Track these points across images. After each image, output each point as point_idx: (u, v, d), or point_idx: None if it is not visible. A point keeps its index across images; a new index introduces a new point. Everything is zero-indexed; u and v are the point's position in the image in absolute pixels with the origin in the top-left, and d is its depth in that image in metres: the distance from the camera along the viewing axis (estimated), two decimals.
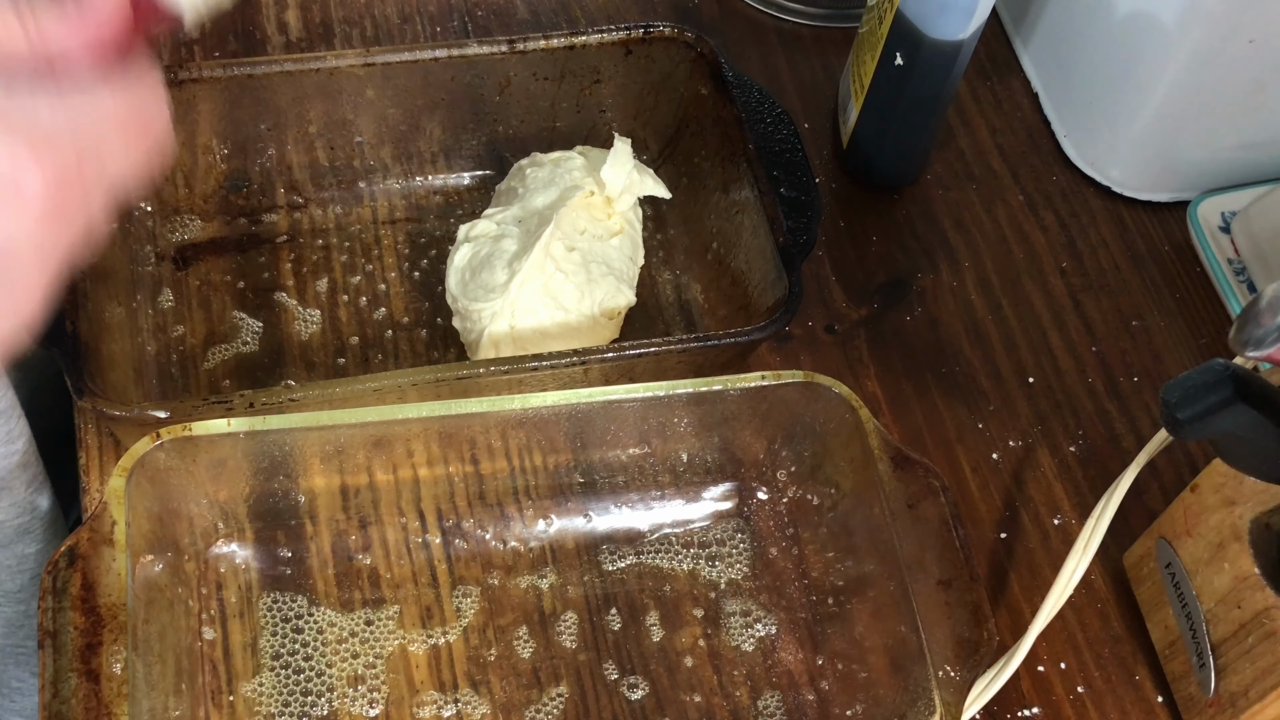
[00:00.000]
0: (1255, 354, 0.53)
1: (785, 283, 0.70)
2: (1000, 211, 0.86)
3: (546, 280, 0.72)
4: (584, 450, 0.69)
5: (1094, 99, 0.86)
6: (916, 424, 0.77)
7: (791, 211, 0.73)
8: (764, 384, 0.67)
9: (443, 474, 0.69)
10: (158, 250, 0.76)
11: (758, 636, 0.68)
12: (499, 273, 0.72)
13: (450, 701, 0.65)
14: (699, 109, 0.79)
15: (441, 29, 0.89)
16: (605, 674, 0.67)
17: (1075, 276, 0.84)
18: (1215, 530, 0.63)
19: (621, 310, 0.74)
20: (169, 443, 0.62)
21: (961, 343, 0.80)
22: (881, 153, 0.83)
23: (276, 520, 0.68)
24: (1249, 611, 0.61)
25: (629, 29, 0.78)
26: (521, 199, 0.75)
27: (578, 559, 0.69)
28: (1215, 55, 0.78)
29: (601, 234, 0.75)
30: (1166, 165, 0.85)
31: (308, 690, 0.64)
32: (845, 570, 0.68)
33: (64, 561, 0.58)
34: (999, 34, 0.94)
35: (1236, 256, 0.82)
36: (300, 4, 0.89)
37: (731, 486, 0.72)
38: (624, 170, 0.74)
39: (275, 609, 0.66)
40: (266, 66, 0.75)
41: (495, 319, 0.71)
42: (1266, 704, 0.61)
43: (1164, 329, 0.82)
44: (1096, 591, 0.72)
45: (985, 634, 0.61)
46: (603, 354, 0.67)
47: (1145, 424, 0.78)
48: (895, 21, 0.76)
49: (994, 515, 0.74)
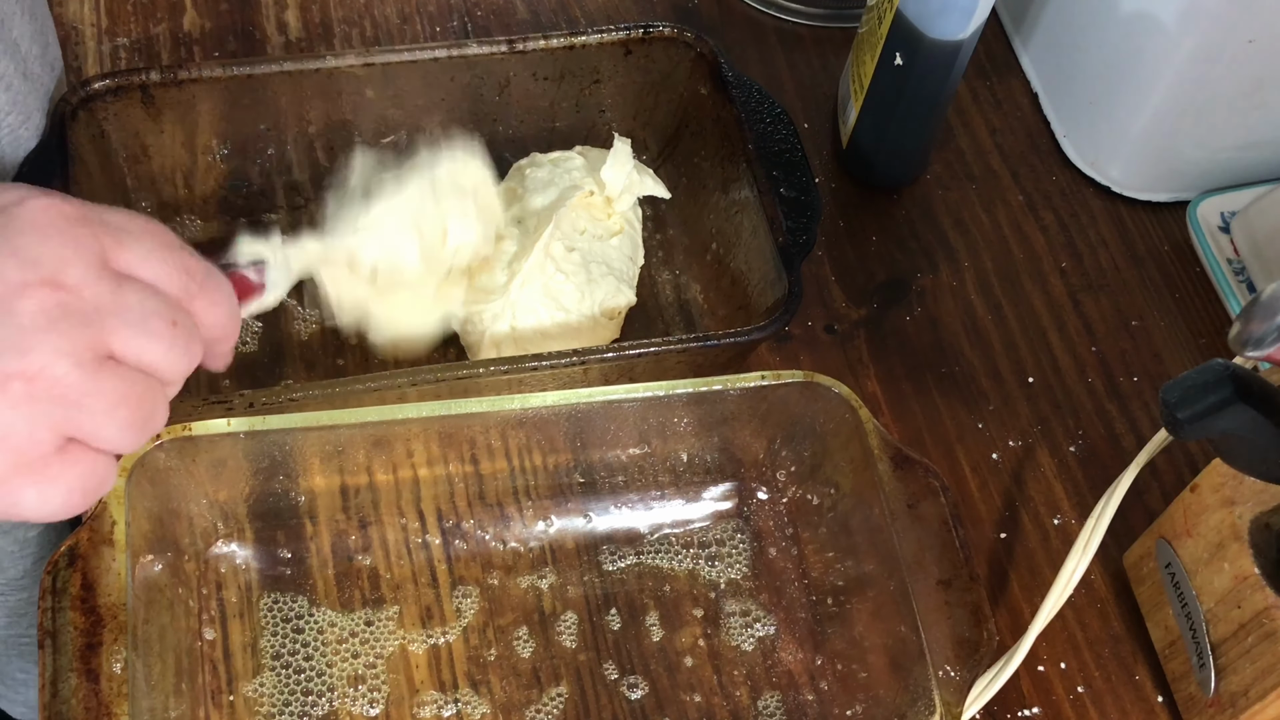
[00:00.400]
0: (1255, 354, 0.53)
1: (785, 283, 0.70)
2: (1000, 211, 0.86)
3: (547, 281, 0.72)
4: (584, 450, 0.69)
5: (1094, 99, 0.86)
6: (916, 424, 0.77)
7: (791, 211, 0.73)
8: (764, 384, 0.67)
9: (443, 474, 0.69)
10: None
11: (757, 636, 0.68)
12: (498, 274, 0.72)
13: (450, 701, 0.65)
14: (699, 109, 0.79)
15: (441, 29, 0.89)
16: (605, 674, 0.67)
17: (1075, 276, 0.84)
18: (1215, 530, 0.63)
19: (622, 310, 0.74)
20: (169, 443, 0.62)
21: (961, 343, 0.80)
22: (881, 153, 0.83)
23: (276, 520, 0.68)
24: (1249, 611, 0.61)
25: (629, 29, 0.78)
26: (520, 200, 0.75)
27: (577, 559, 0.69)
28: (1215, 55, 0.78)
29: (601, 234, 0.75)
30: (1166, 165, 0.85)
31: (308, 690, 0.64)
32: (845, 570, 0.68)
33: (64, 561, 0.58)
34: (999, 34, 0.94)
35: (1236, 256, 0.82)
36: (300, 4, 0.89)
37: (731, 486, 0.72)
38: (624, 170, 0.74)
39: (275, 609, 0.66)
40: (266, 66, 0.75)
41: (496, 320, 0.71)
42: (1266, 704, 0.61)
43: (1164, 329, 0.82)
44: (1096, 591, 0.72)
45: (985, 634, 0.61)
46: (602, 354, 0.67)
47: (1145, 424, 0.78)
48: (895, 21, 0.76)
49: (994, 515, 0.74)
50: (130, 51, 0.85)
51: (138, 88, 0.73)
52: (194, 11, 0.87)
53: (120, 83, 0.72)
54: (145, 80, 0.73)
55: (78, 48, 0.85)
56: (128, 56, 0.85)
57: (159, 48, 0.86)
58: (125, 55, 0.85)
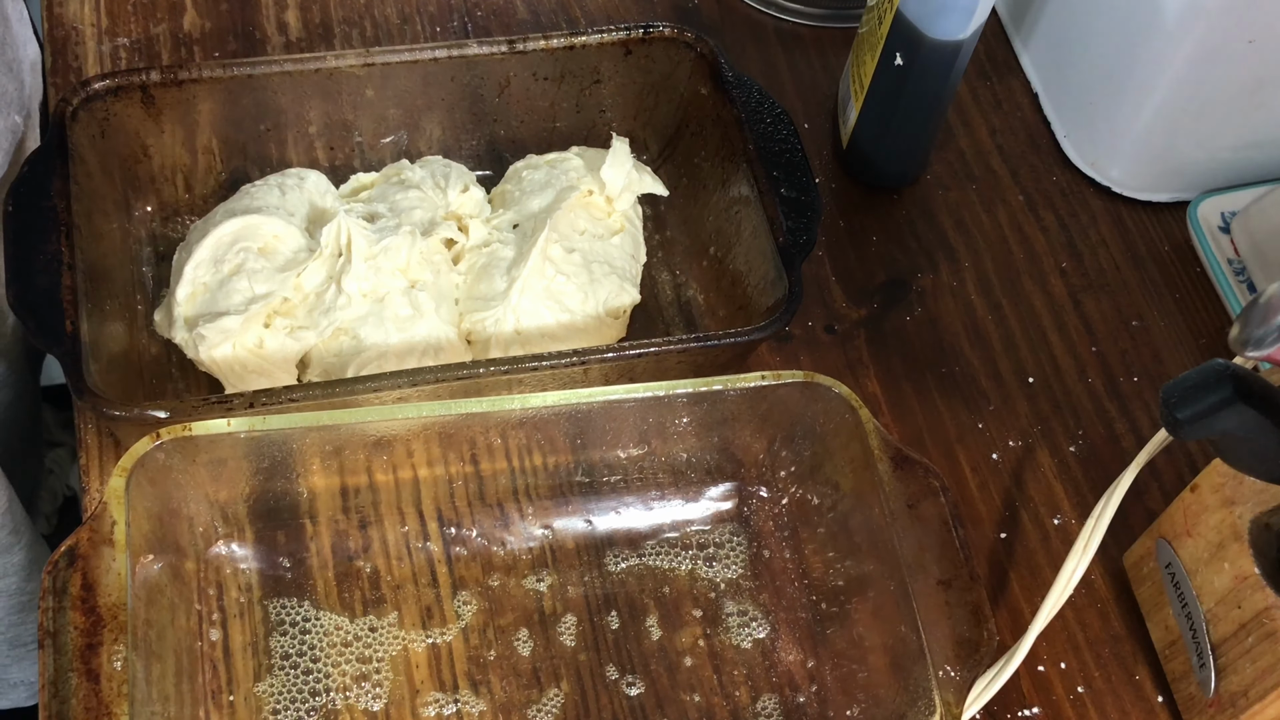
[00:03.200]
0: (1255, 354, 0.53)
1: (785, 283, 0.70)
2: (1000, 211, 0.86)
3: (548, 284, 0.72)
4: (584, 450, 0.69)
5: (1094, 99, 0.86)
6: (916, 424, 0.77)
7: (791, 211, 0.73)
8: (764, 384, 0.67)
9: (443, 474, 0.69)
10: (158, 250, 0.76)
11: (757, 636, 0.68)
12: (498, 281, 0.72)
13: (451, 701, 0.65)
14: (699, 109, 0.79)
15: (441, 29, 0.89)
16: (605, 674, 0.67)
17: (1075, 276, 0.84)
18: (1215, 530, 0.63)
19: (627, 309, 0.74)
20: (169, 443, 0.62)
21: (961, 343, 0.80)
22: (881, 153, 0.83)
23: (276, 520, 0.68)
24: (1249, 611, 0.61)
25: (629, 29, 0.78)
26: (517, 203, 0.75)
27: (577, 559, 0.69)
28: (1215, 55, 0.78)
29: (602, 233, 0.75)
30: (1166, 165, 0.85)
31: (308, 690, 0.64)
32: (845, 570, 0.68)
33: (64, 561, 0.58)
34: (999, 34, 0.94)
35: (1236, 256, 0.82)
36: (300, 4, 0.89)
37: (731, 487, 0.72)
38: (623, 169, 0.74)
39: (275, 609, 0.66)
40: (266, 66, 0.75)
41: (499, 325, 0.71)
42: (1266, 704, 0.61)
43: (1164, 329, 0.82)
44: (1096, 591, 0.72)
45: (985, 634, 0.61)
46: (602, 354, 0.67)
47: (1145, 424, 0.78)
48: (895, 21, 0.76)
49: (994, 515, 0.74)
50: (130, 51, 0.85)
51: (138, 88, 0.73)
52: (194, 11, 0.87)
53: (120, 83, 0.72)
54: (145, 80, 0.73)
55: (78, 48, 0.85)
56: (128, 56, 0.85)
57: (159, 48, 0.86)
58: (125, 55, 0.85)
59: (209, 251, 0.70)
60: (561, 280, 0.72)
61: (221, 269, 0.70)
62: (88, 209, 0.70)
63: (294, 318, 0.70)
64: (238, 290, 0.69)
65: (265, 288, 0.69)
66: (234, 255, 0.70)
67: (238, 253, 0.70)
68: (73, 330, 0.64)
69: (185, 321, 0.69)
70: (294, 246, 0.71)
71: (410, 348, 0.70)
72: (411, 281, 0.71)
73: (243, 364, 0.69)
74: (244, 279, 0.69)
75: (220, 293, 0.69)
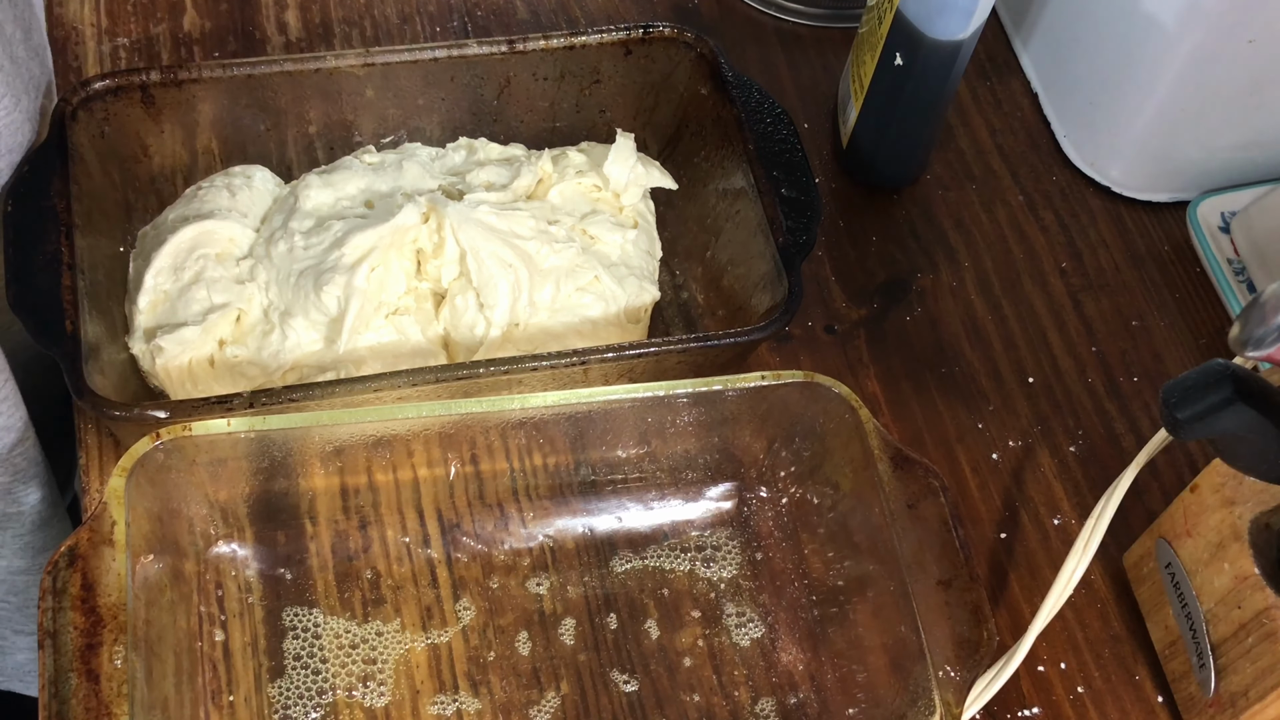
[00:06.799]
0: (1255, 354, 0.53)
1: (785, 283, 0.70)
2: (1000, 211, 0.86)
3: (564, 300, 0.72)
4: (584, 450, 0.69)
5: (1094, 99, 0.86)
6: (916, 424, 0.77)
7: (791, 211, 0.73)
8: (764, 384, 0.67)
9: (443, 474, 0.69)
10: None
11: (757, 636, 0.68)
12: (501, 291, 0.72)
13: (451, 701, 0.65)
14: (699, 109, 0.79)
15: (441, 29, 0.89)
16: (605, 674, 0.67)
17: (1075, 276, 0.84)
18: (1215, 530, 0.63)
19: (648, 307, 0.74)
20: (169, 443, 0.62)
21: (961, 343, 0.80)
22: (881, 153, 0.83)
23: (276, 520, 0.68)
24: (1249, 611, 0.61)
25: (629, 29, 0.78)
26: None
27: (577, 559, 0.69)
28: (1214, 55, 0.78)
29: (615, 228, 0.75)
30: (1166, 165, 0.85)
31: (308, 690, 0.64)
32: (845, 570, 0.68)
33: (64, 561, 0.58)
34: (999, 34, 0.94)
35: (1236, 256, 0.82)
36: (300, 4, 0.89)
37: (731, 487, 0.72)
38: (627, 164, 0.74)
39: (275, 609, 0.66)
40: (266, 66, 0.75)
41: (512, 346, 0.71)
42: (1266, 704, 0.61)
43: (1164, 329, 0.82)
44: (1096, 591, 0.72)
45: (985, 634, 0.61)
46: (602, 354, 0.67)
47: (1145, 424, 0.78)
48: (895, 21, 0.76)
49: (994, 515, 0.74)
50: (130, 51, 0.85)
51: (138, 88, 0.73)
52: (194, 11, 0.87)
53: (120, 83, 0.72)
54: (145, 80, 0.73)
55: (78, 48, 0.85)
56: (128, 56, 0.85)
57: (159, 48, 0.86)
58: (125, 55, 0.85)
59: (169, 259, 0.70)
60: (577, 295, 0.72)
61: (182, 276, 0.70)
62: (88, 209, 0.70)
63: (245, 345, 0.70)
64: (196, 300, 0.69)
65: (223, 298, 0.69)
66: (194, 262, 0.70)
67: (197, 259, 0.70)
68: (73, 330, 0.64)
69: (144, 333, 0.69)
70: (248, 249, 0.72)
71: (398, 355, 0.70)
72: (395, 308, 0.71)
73: (194, 378, 0.69)
74: (203, 288, 0.69)
75: (180, 301, 0.69)
